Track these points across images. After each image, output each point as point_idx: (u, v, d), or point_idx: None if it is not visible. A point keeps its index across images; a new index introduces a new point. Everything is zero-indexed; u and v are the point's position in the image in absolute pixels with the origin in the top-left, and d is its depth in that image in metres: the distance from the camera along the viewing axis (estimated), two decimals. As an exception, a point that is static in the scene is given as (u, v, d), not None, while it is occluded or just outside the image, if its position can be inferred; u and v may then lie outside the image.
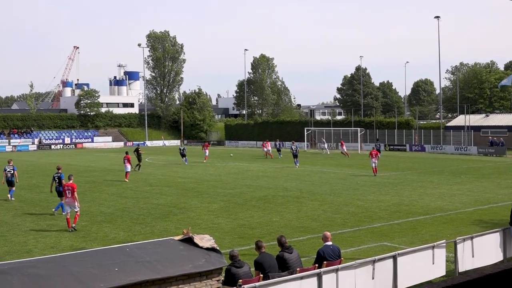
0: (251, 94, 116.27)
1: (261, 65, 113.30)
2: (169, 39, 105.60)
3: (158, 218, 21.69)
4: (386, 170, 41.30)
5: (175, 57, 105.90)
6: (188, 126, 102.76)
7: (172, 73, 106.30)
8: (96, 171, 43.94)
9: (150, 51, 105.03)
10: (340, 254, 11.99)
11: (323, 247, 11.87)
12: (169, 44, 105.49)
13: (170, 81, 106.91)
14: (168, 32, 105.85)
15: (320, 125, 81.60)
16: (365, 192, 28.34)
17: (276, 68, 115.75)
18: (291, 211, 22.77)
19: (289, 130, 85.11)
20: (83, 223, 20.95)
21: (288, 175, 37.96)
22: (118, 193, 29.75)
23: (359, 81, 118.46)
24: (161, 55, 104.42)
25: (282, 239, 11.63)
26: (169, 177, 38.10)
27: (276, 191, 29.16)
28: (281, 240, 11.61)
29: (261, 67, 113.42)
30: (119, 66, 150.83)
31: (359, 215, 21.68)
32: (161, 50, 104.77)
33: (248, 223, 20.32)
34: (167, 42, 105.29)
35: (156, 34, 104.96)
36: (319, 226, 19.56)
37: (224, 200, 26.34)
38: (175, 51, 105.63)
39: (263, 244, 11.46)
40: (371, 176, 36.50)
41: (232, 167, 46.00)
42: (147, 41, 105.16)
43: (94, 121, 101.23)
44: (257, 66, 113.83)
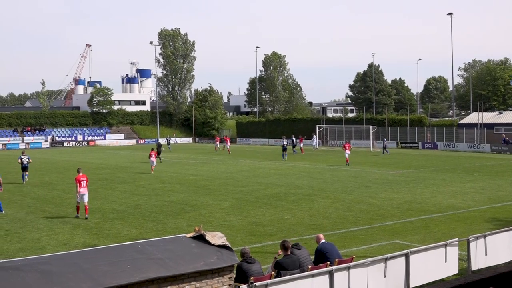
0: (262, 92, 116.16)
1: (273, 62, 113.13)
2: (180, 36, 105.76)
3: (170, 216, 21.75)
4: (398, 168, 41.14)
5: (187, 54, 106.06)
6: (200, 124, 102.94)
7: (184, 70, 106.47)
8: (108, 168, 44.14)
9: (162, 48, 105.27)
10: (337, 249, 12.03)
11: (320, 245, 11.90)
12: (180, 41, 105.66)
13: (182, 78, 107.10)
14: (179, 30, 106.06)
15: (331, 123, 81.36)
16: (377, 190, 28.24)
17: (287, 66, 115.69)
18: (303, 209, 22.75)
19: (300, 127, 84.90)
20: (95, 220, 21.07)
21: (299, 173, 37.91)
22: (130, 190, 29.87)
23: (371, 78, 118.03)
24: (172, 52, 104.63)
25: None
26: (180, 174, 38.18)
27: (288, 189, 29.14)
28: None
29: (273, 65, 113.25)
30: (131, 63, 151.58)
31: (371, 213, 21.61)
32: (172, 48, 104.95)
33: (259, 221, 20.32)
34: (178, 40, 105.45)
35: (168, 31, 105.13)
36: (331, 224, 19.52)
37: (236, 197, 26.36)
38: (187, 48, 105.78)
39: (290, 244, 11.26)
40: (383, 173, 36.41)
41: (244, 164, 46.01)
42: (158, 38, 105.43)
43: (107, 118, 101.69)
44: (268, 63, 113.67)
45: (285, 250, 11.16)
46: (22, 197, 27.88)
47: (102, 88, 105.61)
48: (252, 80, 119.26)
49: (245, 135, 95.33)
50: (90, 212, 22.52)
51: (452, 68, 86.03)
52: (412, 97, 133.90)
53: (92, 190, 29.33)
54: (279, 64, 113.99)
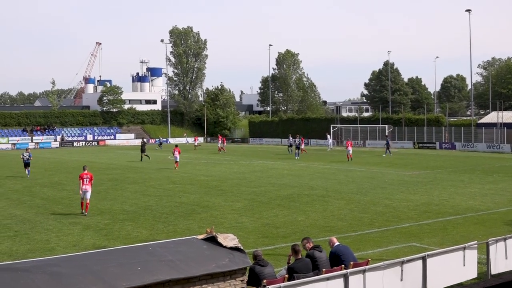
0: (275, 91, 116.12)
1: (286, 60, 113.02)
2: (192, 35, 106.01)
3: (181, 217, 21.80)
4: (415, 168, 40.94)
5: (198, 53, 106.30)
6: (212, 123, 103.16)
7: (195, 69, 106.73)
8: (119, 168, 44.34)
9: (173, 47, 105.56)
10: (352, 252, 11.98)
11: (334, 247, 11.84)
12: (192, 40, 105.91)
13: (193, 77, 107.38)
14: (192, 28, 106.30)
15: (346, 122, 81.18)
16: (393, 191, 28.12)
17: (301, 64, 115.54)
18: (317, 210, 22.70)
19: (314, 127, 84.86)
20: (105, 221, 21.16)
21: (313, 174, 37.84)
22: (141, 191, 29.97)
23: (387, 77, 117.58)
24: (184, 51, 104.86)
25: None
26: (192, 175, 38.27)
27: (301, 190, 29.10)
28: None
29: (286, 63, 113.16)
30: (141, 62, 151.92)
31: (387, 215, 21.52)
32: (183, 46, 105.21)
33: (272, 222, 20.30)
34: (190, 38, 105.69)
35: (179, 30, 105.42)
36: (346, 226, 19.46)
37: (248, 198, 26.36)
38: (199, 47, 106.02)
39: (300, 248, 11.22)
40: (400, 174, 36.27)
41: (256, 165, 46.01)
42: (170, 37, 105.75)
43: (117, 118, 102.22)
44: (282, 61, 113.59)
45: (296, 253, 11.12)
46: (31, 197, 28.08)
47: (112, 87, 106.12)
48: (264, 78, 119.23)
49: (257, 135, 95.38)
50: (100, 213, 22.66)
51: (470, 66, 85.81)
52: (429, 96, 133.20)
53: (102, 191, 29.48)
54: (293, 62, 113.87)
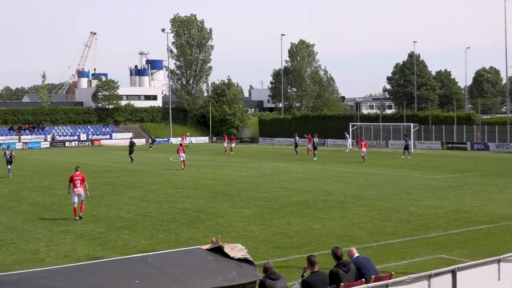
0: (288, 85, 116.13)
1: (300, 52, 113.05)
2: (196, 23, 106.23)
3: (183, 225, 21.82)
4: (444, 171, 40.77)
5: (203, 43, 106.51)
6: (218, 121, 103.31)
7: (199, 61, 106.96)
8: (115, 171, 44.47)
9: (175, 37, 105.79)
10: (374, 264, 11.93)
11: (353, 259, 11.80)
12: (195, 29, 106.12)
13: (197, 70, 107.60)
14: (195, 16, 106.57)
15: (367, 120, 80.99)
16: (419, 197, 28.01)
17: (317, 56, 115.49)
18: (334, 218, 22.65)
19: (331, 125, 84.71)
20: (100, 229, 21.22)
21: (330, 177, 37.78)
22: (139, 196, 30.03)
23: (412, 70, 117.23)
24: (187, 41, 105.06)
25: (338, 252, 11.39)
26: (196, 178, 38.31)
27: (317, 195, 29.06)
28: (337, 253, 11.37)
29: (300, 55, 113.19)
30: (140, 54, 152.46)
31: (413, 223, 21.44)
32: (186, 36, 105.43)
33: (285, 231, 20.28)
34: (193, 27, 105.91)
35: (182, 18, 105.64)
36: (366, 235, 19.40)
37: (258, 205, 26.36)
38: (203, 37, 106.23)
39: (317, 259, 11.20)
40: (426, 178, 36.14)
41: (267, 167, 46.00)
42: (171, 26, 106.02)
43: (113, 115, 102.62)
44: (295, 53, 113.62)
45: (312, 265, 11.08)
46: (19, 203, 28.21)
47: (108, 81, 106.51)
48: (276, 72, 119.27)
49: (268, 134, 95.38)
50: (94, 221, 22.74)
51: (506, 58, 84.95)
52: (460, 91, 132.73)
53: (97, 196, 29.57)
54: (307, 54, 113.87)
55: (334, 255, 11.34)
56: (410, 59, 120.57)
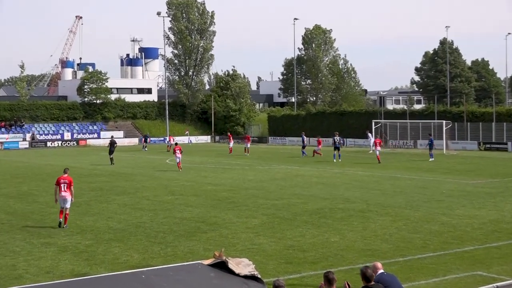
0: (302, 77, 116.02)
1: (316, 39, 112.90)
2: (196, 6, 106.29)
3: (182, 236, 21.84)
4: (481, 176, 40.65)
5: (204, 29, 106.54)
6: (221, 118, 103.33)
7: (200, 49, 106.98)
8: (104, 175, 44.55)
9: (172, 21, 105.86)
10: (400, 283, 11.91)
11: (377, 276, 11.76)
12: (195, 12, 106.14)
13: (198, 59, 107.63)
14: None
15: (392, 117, 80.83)
16: (453, 205, 27.94)
17: (334, 43, 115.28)
18: (355, 229, 22.62)
19: (351, 123, 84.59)
20: (86, 241, 21.26)
21: (350, 182, 37.72)
22: (132, 203, 30.07)
23: (444, 59, 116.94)
24: (186, 26, 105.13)
25: (368, 272, 11.35)
26: (196, 183, 38.34)
27: (335, 203, 29.03)
28: (366, 273, 11.34)
29: (316, 42, 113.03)
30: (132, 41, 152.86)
31: (445, 235, 21.39)
32: (185, 20, 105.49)
33: (298, 244, 20.27)
34: (193, 10, 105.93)
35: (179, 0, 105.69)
36: (392, 249, 19.37)
37: (267, 213, 26.35)
38: (204, 21, 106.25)
39: (335, 276, 11.18)
40: (461, 183, 36.05)
41: (278, 171, 45.97)
42: (167, 9, 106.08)
43: (102, 111, 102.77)
44: (310, 40, 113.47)
45: (330, 284, 11.05)
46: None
47: (96, 72, 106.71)
48: (288, 61, 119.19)
49: (279, 133, 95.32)
50: (80, 232, 22.79)
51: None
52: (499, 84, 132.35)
53: (83, 204, 29.63)
54: (324, 41, 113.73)
55: (363, 276, 11.24)
56: (442, 46, 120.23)
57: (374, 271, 12.06)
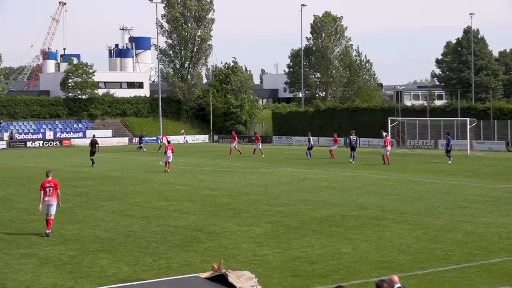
0: (310, 69, 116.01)
1: (325, 27, 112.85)
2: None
3: (177, 247, 21.82)
4: (510, 180, 40.63)
5: (201, 16, 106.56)
6: (220, 115, 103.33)
7: (197, 39, 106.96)
8: (90, 178, 44.55)
9: (166, 8, 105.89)
10: None
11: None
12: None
13: (194, 50, 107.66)
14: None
15: (411, 114, 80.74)
16: (478, 212, 27.91)
17: (346, 32, 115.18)
18: (369, 239, 22.60)
19: (365, 121, 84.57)
20: (70, 252, 21.23)
21: (363, 186, 37.70)
22: (121, 210, 30.05)
23: (468, 50, 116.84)
24: (181, 13, 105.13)
25: (383, 286, 11.34)
26: (192, 187, 38.34)
27: (347, 209, 29.02)
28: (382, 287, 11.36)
29: (325, 31, 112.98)
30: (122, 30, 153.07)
31: (469, 246, 21.35)
32: (181, 7, 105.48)
33: (305, 255, 20.25)
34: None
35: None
36: (410, 261, 19.34)
37: (272, 221, 26.34)
38: (201, 8, 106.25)
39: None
40: (487, 187, 36.01)
41: (283, 174, 45.96)
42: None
43: (88, 107, 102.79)
44: (319, 29, 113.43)
45: None
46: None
47: (81, 64, 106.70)
48: (295, 53, 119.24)
49: (285, 132, 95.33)
50: (63, 241, 22.76)
51: None
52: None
53: (67, 210, 29.62)
54: (334, 30, 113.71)
55: None
56: (466, 36, 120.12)
57: (390, 286, 12.05)
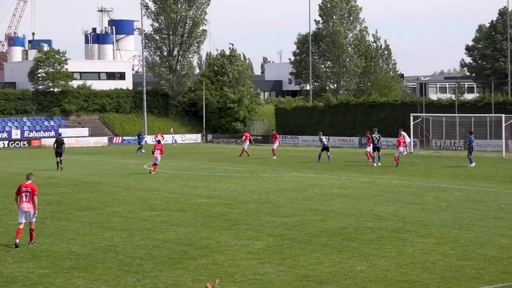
0: (320, 58, 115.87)
1: (337, 8, 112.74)
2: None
3: (164, 264, 21.85)
4: (551, 186, 40.71)
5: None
6: (215, 111, 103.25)
7: (188, 22, 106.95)
8: (64, 185, 44.55)
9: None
10: None
11: None
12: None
13: (185, 36, 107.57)
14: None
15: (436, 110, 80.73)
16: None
17: (361, 14, 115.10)
18: (387, 255, 22.63)
19: (383, 117, 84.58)
20: (41, 270, 21.26)
21: (381, 194, 37.74)
22: (99, 221, 30.06)
23: (504, 35, 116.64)
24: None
25: None
26: (183, 195, 38.40)
27: (362, 221, 29.05)
28: None
29: (337, 12, 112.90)
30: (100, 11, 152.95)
31: (504, 263, 21.38)
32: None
33: (314, 274, 20.28)
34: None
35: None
36: (435, 280, 19.38)
37: (274, 234, 26.38)
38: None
39: None
40: None
41: (288, 179, 45.98)
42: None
43: (61, 102, 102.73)
44: (329, 10, 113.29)
45: None
46: None
47: (53, 51, 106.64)
48: (302, 38, 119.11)
49: (290, 130, 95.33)
50: (33, 257, 22.76)
51: None
52: None
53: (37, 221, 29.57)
54: (348, 12, 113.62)
55: None
56: (502, 18, 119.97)
57: None
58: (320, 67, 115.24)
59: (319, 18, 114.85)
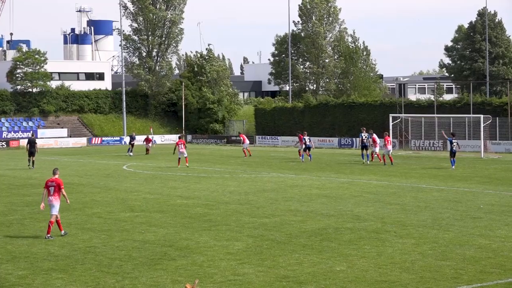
0: (299, 58, 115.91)
1: (316, 9, 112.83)
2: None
3: (143, 265, 21.81)
4: (529, 186, 40.90)
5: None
6: (194, 112, 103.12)
7: (167, 23, 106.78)
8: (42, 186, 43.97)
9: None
10: None
11: None
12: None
13: (164, 36, 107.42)
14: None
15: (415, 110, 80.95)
16: (493, 224, 28.04)
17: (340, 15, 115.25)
18: (367, 255, 22.69)
19: (362, 118, 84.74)
20: (19, 272, 21.17)
21: (361, 194, 37.83)
22: (78, 222, 30.00)
23: (483, 36, 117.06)
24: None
25: None
26: (162, 196, 38.35)
27: (341, 221, 29.10)
28: None
29: (317, 13, 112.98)
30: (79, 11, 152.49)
31: (483, 263, 21.46)
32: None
33: (293, 275, 20.31)
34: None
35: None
36: (414, 281, 19.43)
37: (254, 235, 26.40)
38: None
39: None
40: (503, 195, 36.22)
41: (268, 180, 46.01)
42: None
43: (39, 103, 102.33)
44: (309, 11, 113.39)
45: None
46: None
47: (32, 51, 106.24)
48: (281, 39, 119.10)
49: (269, 131, 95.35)
50: (11, 259, 22.69)
51: None
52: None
53: (16, 222, 29.62)
54: (327, 13, 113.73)
55: None
56: (481, 19, 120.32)
57: None
58: (299, 68, 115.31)
59: (299, 19, 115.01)
